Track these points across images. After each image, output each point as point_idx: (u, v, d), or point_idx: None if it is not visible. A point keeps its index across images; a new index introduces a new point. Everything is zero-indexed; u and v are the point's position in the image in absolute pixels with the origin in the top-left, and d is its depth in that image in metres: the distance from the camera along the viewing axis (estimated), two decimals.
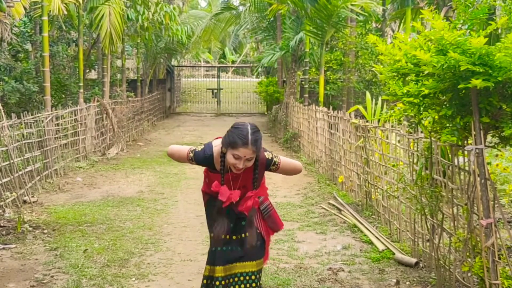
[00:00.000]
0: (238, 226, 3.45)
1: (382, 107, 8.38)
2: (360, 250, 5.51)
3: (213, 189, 3.31)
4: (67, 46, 15.13)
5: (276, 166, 3.41)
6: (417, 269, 4.89)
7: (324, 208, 7.23)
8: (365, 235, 5.92)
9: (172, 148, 3.53)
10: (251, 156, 3.16)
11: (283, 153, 12.91)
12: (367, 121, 7.31)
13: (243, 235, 3.45)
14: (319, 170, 10.15)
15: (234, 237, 3.46)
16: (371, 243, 5.67)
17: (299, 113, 13.20)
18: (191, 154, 3.36)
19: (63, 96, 13.99)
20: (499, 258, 3.51)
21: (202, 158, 3.34)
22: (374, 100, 8.55)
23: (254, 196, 3.37)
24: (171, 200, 7.91)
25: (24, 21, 13.71)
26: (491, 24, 3.63)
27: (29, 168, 8.00)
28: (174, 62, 26.44)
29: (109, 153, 12.29)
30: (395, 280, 4.62)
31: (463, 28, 5.43)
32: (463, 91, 3.42)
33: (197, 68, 33.73)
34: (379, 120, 7.03)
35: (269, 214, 3.54)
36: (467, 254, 3.78)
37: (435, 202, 4.32)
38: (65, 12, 11.11)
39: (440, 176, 4.32)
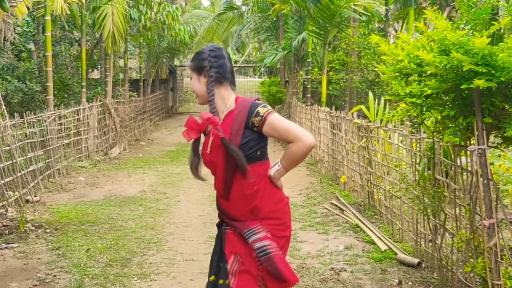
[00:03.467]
0: (221, 267, 2.68)
1: (384, 107, 8.38)
2: (362, 250, 5.51)
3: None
4: (69, 46, 15.17)
5: (261, 118, 2.54)
6: (419, 269, 4.89)
7: (327, 208, 7.23)
8: (367, 235, 5.91)
9: None
10: (190, 73, 2.77)
11: None
12: (369, 121, 7.30)
13: (226, 281, 2.62)
14: (322, 170, 10.15)
15: (220, 281, 2.65)
16: (373, 243, 5.67)
17: (301, 113, 13.20)
18: None
19: (66, 95, 14.03)
20: (502, 259, 3.50)
21: None
22: (376, 100, 8.54)
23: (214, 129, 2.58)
24: (174, 199, 7.91)
25: (27, 20, 13.75)
26: (494, 24, 3.63)
27: (31, 168, 8.02)
28: (176, 62, 26.48)
29: (111, 153, 12.31)
30: (397, 280, 4.62)
31: (466, 28, 5.42)
32: (466, 92, 3.42)
33: None
34: (381, 120, 7.03)
35: (269, 256, 2.58)
36: (470, 254, 3.77)
37: (437, 202, 4.32)
38: (68, 12, 11.12)
39: (442, 176, 4.32)
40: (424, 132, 4.76)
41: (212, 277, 2.69)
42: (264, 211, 2.64)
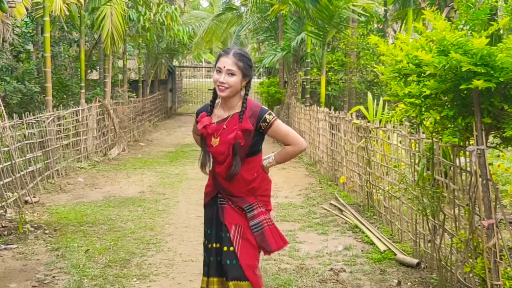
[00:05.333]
0: (223, 236, 3.18)
1: (383, 108, 8.37)
2: (362, 250, 5.51)
3: (198, 119, 3.33)
4: (68, 47, 15.16)
5: (268, 123, 3.15)
6: (418, 269, 4.89)
7: (326, 209, 7.23)
8: (366, 236, 5.91)
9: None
10: (231, 67, 3.07)
11: None
12: (368, 122, 7.30)
13: (231, 248, 3.15)
14: (321, 171, 10.15)
15: (225, 248, 3.16)
16: (372, 243, 5.67)
17: (300, 114, 13.20)
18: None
19: (65, 96, 14.02)
20: (501, 259, 3.50)
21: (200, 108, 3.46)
22: (375, 100, 8.53)
23: (238, 129, 3.10)
24: (173, 200, 7.91)
25: (26, 21, 13.73)
26: (492, 25, 3.63)
27: (30, 169, 8.01)
28: (175, 62, 26.47)
29: (110, 154, 12.31)
30: (396, 281, 4.62)
31: (464, 28, 5.42)
32: (465, 92, 3.42)
33: (198, 68, 33.73)
34: (380, 121, 7.03)
35: (261, 231, 3.18)
36: (469, 255, 3.78)
37: (436, 202, 4.32)
38: (67, 13, 11.10)
39: (441, 176, 4.32)
40: (423, 133, 4.76)
41: (217, 244, 3.18)
42: (260, 190, 3.27)
